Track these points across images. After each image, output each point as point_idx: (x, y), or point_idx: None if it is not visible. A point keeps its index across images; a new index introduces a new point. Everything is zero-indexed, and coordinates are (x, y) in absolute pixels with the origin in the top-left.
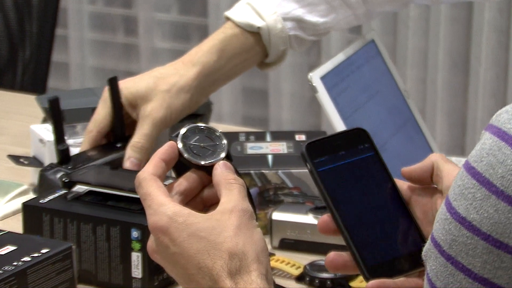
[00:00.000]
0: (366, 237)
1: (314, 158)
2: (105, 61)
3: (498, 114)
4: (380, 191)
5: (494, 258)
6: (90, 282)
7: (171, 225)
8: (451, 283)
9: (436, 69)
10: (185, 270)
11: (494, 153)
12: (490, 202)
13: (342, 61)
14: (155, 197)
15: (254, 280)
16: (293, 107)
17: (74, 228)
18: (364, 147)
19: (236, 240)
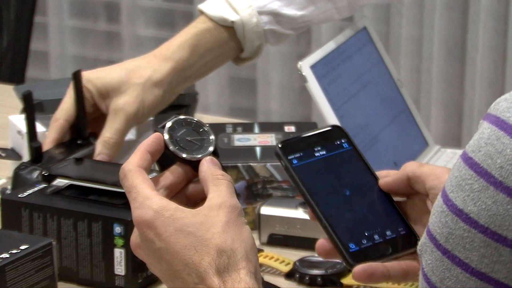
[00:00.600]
0: (346, 225)
1: (289, 155)
2: (86, 50)
3: (497, 102)
4: (359, 181)
5: (492, 252)
6: (71, 280)
7: (157, 219)
8: (447, 278)
9: (431, 57)
10: (170, 266)
11: (493, 143)
12: (488, 193)
13: (333, 49)
14: (141, 190)
15: (242, 278)
16: (282, 98)
17: (54, 224)
18: (341, 143)
19: (225, 236)
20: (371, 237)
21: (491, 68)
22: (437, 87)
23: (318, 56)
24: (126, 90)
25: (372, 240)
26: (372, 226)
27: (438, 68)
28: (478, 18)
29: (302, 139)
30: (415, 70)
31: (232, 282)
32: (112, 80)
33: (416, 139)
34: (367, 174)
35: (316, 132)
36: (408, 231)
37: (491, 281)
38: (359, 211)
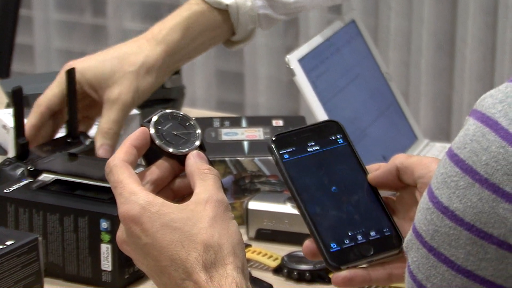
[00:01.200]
0: (330, 224)
1: (281, 149)
2: (72, 43)
3: (482, 98)
4: (349, 178)
5: (478, 249)
6: (57, 275)
7: (143, 215)
8: (433, 275)
9: (420, 51)
10: (157, 262)
11: (478, 139)
12: (473, 190)
13: (321, 42)
14: (127, 185)
15: (229, 274)
16: (270, 91)
17: (40, 219)
18: (336, 138)
19: (212, 231)
20: (354, 237)
21: (480, 61)
22: (426, 81)
23: (306, 50)
24: (119, 79)
25: (354, 240)
26: (356, 226)
27: (427, 62)
28: (467, 11)
29: (297, 133)
30: (404, 64)
31: (219, 277)
32: (104, 71)
33: (405, 133)
34: (358, 171)
35: (312, 126)
36: (393, 232)
37: (477, 279)
38: (345, 210)
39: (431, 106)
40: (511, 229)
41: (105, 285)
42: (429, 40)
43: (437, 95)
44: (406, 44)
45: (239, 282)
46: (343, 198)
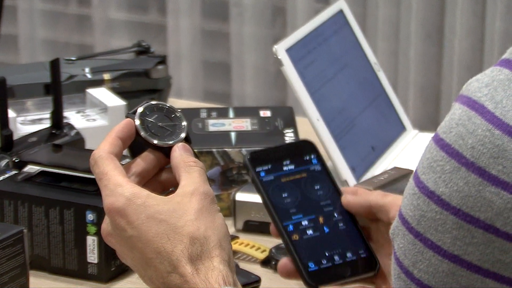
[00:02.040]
0: (307, 244)
1: (257, 166)
2: (57, 33)
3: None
4: (324, 199)
5: (464, 234)
6: (43, 268)
7: (128, 207)
8: (420, 261)
9: (408, 40)
10: (142, 254)
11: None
12: (459, 174)
13: (309, 32)
14: (112, 176)
15: (216, 266)
16: (257, 82)
17: (25, 211)
18: (310, 158)
19: (198, 224)
20: (331, 258)
21: (469, 50)
22: (415, 70)
23: (293, 40)
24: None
25: (332, 261)
26: (333, 247)
27: (415, 51)
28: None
29: (272, 151)
30: (392, 53)
31: (205, 270)
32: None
33: (394, 123)
34: (333, 192)
35: (286, 145)
36: (369, 254)
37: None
38: (322, 230)
39: (419, 96)
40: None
41: (91, 277)
42: (417, 29)
43: (425, 85)
44: (395, 33)
45: (226, 275)
46: (320, 218)
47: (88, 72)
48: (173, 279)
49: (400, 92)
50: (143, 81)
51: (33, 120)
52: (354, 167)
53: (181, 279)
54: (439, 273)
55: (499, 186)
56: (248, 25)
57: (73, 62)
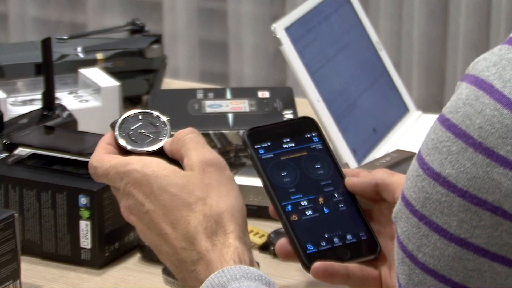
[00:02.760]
0: (306, 225)
1: (256, 143)
2: (48, 12)
3: (475, 62)
4: (325, 179)
5: (471, 216)
6: (35, 253)
7: (142, 177)
8: (425, 244)
9: (411, 19)
10: (159, 229)
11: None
12: (467, 155)
13: (309, 10)
14: (118, 163)
15: (231, 243)
16: (255, 61)
17: (16, 195)
18: (311, 136)
19: (210, 202)
20: (330, 240)
21: (474, 29)
22: (418, 50)
23: (293, 18)
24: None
25: (331, 243)
26: (333, 228)
27: (419, 30)
28: None
29: (272, 128)
30: (395, 32)
31: (221, 246)
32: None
33: (396, 104)
34: (334, 172)
35: (287, 122)
36: (370, 237)
37: (471, 247)
38: (321, 211)
39: (423, 77)
40: (506, 194)
41: (84, 263)
42: (421, 7)
43: (429, 65)
44: (398, 11)
45: (241, 252)
46: (320, 198)
47: (80, 51)
48: (188, 254)
49: (403, 73)
50: (137, 61)
51: (24, 101)
52: (355, 150)
53: (197, 255)
54: (444, 257)
55: (507, 167)
56: (246, 3)
57: (65, 41)
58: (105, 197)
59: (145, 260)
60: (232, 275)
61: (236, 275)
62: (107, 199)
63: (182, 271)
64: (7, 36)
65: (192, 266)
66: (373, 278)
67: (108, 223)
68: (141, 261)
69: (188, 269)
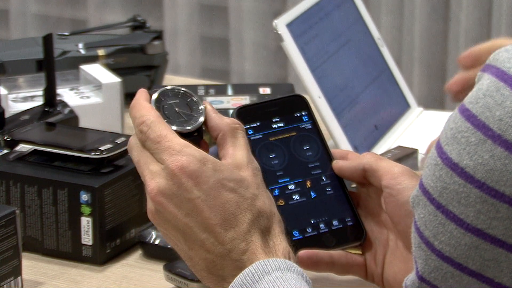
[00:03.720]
0: (293, 210)
1: (245, 123)
2: (49, 8)
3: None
4: (313, 162)
5: (488, 208)
6: (36, 250)
7: (200, 168)
8: (441, 233)
9: (413, 15)
10: (204, 219)
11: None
12: (485, 147)
13: (310, 6)
14: (173, 138)
15: (282, 242)
16: (256, 58)
17: (17, 191)
18: (301, 115)
19: (263, 199)
20: (316, 226)
21: (476, 25)
22: (420, 46)
23: (294, 14)
24: None
25: (317, 229)
26: (320, 213)
27: (420, 26)
28: None
29: (261, 107)
30: (397, 28)
31: (273, 244)
32: None
33: (397, 101)
34: (323, 153)
35: (276, 100)
36: (356, 223)
37: (487, 238)
38: (308, 195)
39: (424, 73)
40: None
41: (86, 259)
42: (422, 3)
43: (431, 61)
44: (399, 7)
45: (290, 252)
46: (307, 182)
47: (81, 48)
48: (237, 244)
49: (404, 69)
50: (138, 57)
51: (25, 97)
52: (356, 146)
53: (247, 245)
54: (461, 246)
55: None
56: None
57: (66, 38)
58: (107, 193)
59: (146, 256)
60: (276, 265)
61: (281, 266)
62: (108, 195)
63: (223, 259)
64: (8, 33)
65: (239, 256)
66: (358, 265)
67: (109, 220)
68: (142, 258)
69: (233, 258)
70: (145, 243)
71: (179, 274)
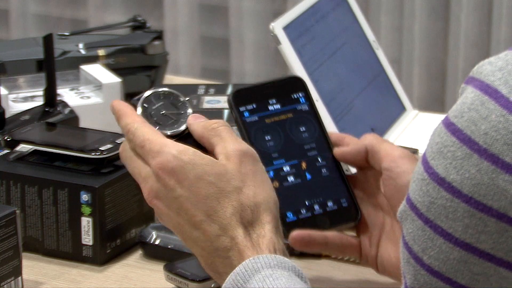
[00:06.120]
0: (287, 191)
1: (241, 105)
2: (49, 8)
3: (480, 65)
4: (310, 143)
5: (476, 222)
6: (36, 250)
7: (176, 164)
8: (430, 247)
9: (413, 15)
10: (190, 216)
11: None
12: (471, 161)
13: (307, 9)
14: (155, 139)
15: (267, 234)
16: (257, 58)
17: (18, 191)
18: (298, 97)
19: (247, 191)
20: (311, 207)
21: (476, 26)
22: (420, 47)
23: (291, 17)
24: None
25: (311, 211)
26: (314, 195)
27: (420, 26)
28: None
29: (258, 88)
30: (396, 29)
31: (257, 236)
32: None
33: (393, 103)
34: (319, 135)
35: (274, 82)
36: (351, 204)
37: (476, 252)
38: (303, 177)
39: (424, 73)
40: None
41: (86, 260)
42: (422, 3)
43: (431, 61)
44: (399, 7)
45: (276, 243)
46: (302, 163)
47: (82, 48)
48: (222, 241)
49: (404, 69)
50: (139, 57)
51: (26, 97)
52: None
53: (232, 241)
54: (450, 260)
55: None
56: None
57: (66, 38)
58: (107, 193)
59: (146, 256)
60: (266, 263)
61: (271, 263)
62: (108, 195)
63: (213, 257)
64: (8, 33)
65: (226, 253)
66: (352, 246)
67: (110, 220)
68: (142, 258)
69: (221, 255)
70: (145, 243)
71: (179, 274)
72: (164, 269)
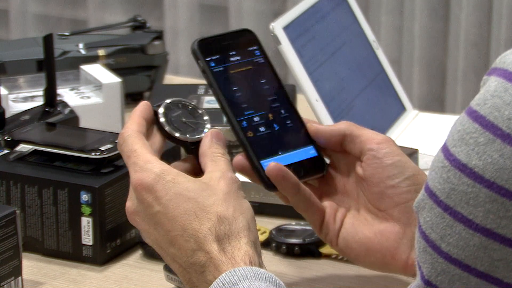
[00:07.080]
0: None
1: (207, 55)
2: (49, 8)
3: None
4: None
5: (498, 207)
6: (36, 250)
7: (157, 182)
8: (449, 234)
9: (413, 15)
10: (167, 232)
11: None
12: (494, 146)
13: (307, 9)
14: (142, 154)
15: (242, 247)
16: None
17: (18, 191)
18: (253, 49)
19: (226, 205)
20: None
21: (475, 26)
22: (420, 47)
23: (291, 17)
24: None
25: (285, 161)
26: (285, 145)
27: (420, 26)
28: None
29: (217, 40)
30: (396, 29)
31: (232, 249)
32: None
33: (393, 104)
34: (278, 87)
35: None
36: (318, 154)
37: (497, 237)
38: (272, 127)
39: (424, 73)
40: None
41: (86, 260)
42: (422, 3)
43: (431, 61)
44: (399, 7)
45: (252, 255)
46: (269, 114)
47: (82, 48)
48: (198, 256)
49: (404, 69)
50: (139, 57)
51: (26, 97)
52: None
53: (206, 256)
54: (469, 246)
55: None
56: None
57: (66, 38)
58: (107, 193)
59: (146, 256)
60: (243, 275)
61: (248, 275)
62: (108, 195)
63: (189, 273)
64: (8, 33)
65: (201, 268)
66: (318, 208)
67: (110, 220)
68: (142, 258)
69: (197, 270)
70: (145, 243)
71: None
72: (164, 269)
